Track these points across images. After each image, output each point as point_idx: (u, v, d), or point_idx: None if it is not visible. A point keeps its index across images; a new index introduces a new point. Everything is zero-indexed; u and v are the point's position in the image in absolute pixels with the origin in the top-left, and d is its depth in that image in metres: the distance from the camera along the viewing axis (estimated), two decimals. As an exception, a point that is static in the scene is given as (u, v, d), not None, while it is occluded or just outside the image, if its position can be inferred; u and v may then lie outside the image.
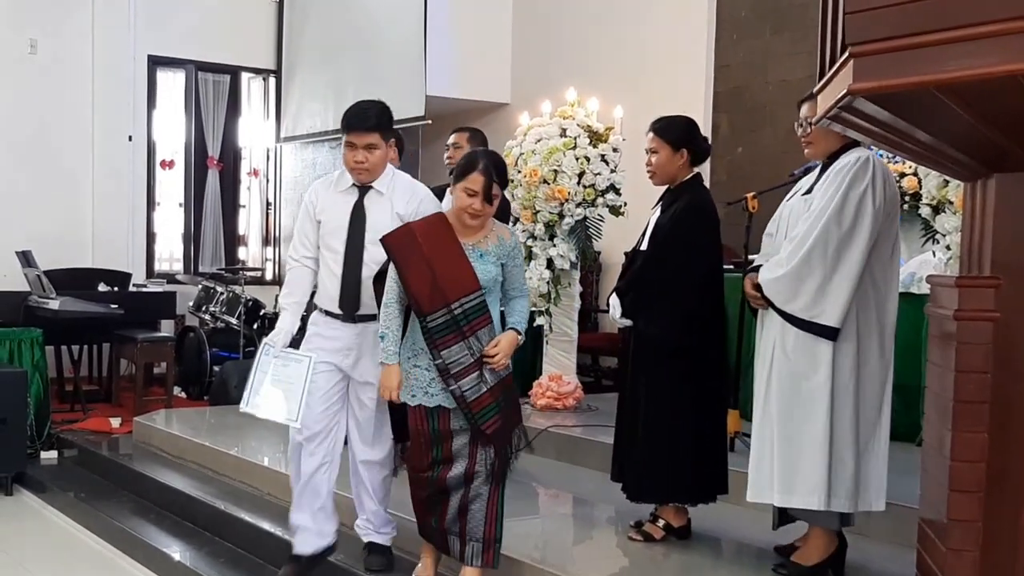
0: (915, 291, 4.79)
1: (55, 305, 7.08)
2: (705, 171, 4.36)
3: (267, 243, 10.26)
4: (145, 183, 9.31)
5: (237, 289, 8.04)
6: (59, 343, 7.81)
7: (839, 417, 3.38)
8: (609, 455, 4.15)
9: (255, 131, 10.14)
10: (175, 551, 4.82)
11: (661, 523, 3.99)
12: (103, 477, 6.13)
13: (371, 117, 3.74)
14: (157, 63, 9.35)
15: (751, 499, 3.58)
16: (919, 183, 4.98)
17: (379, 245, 3.67)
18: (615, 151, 5.93)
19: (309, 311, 4.00)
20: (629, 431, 3.96)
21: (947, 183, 4.63)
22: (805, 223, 3.43)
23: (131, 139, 9.02)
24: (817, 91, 2.41)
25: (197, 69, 9.58)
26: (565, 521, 4.78)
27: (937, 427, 2.62)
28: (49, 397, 6.90)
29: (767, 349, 3.54)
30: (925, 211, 4.88)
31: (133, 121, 9.04)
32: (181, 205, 9.75)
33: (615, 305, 4.00)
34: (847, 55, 2.05)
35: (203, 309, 8.15)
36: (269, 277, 10.02)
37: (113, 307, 7.40)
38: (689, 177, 3.97)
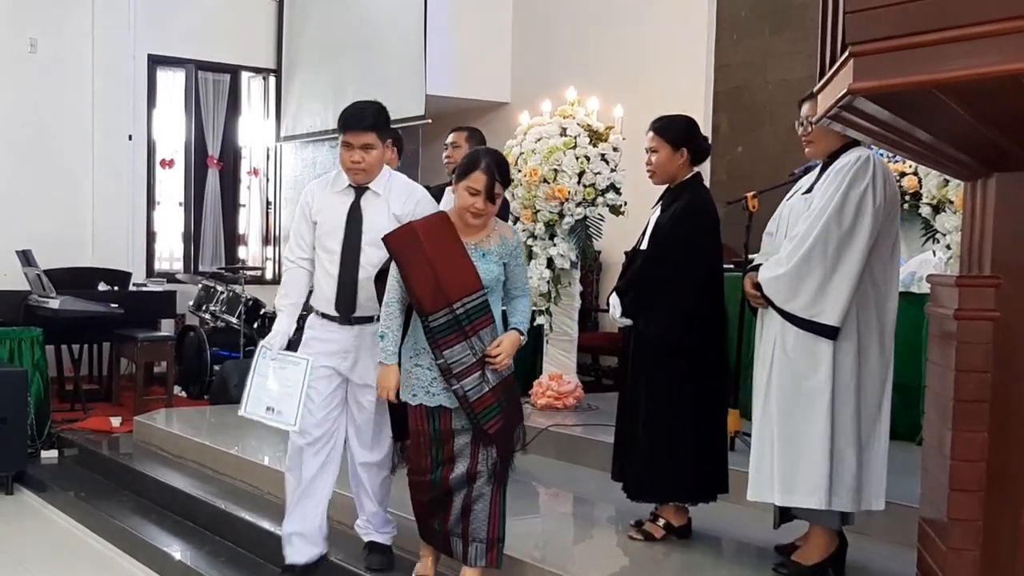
0: (915, 290, 4.80)
1: (55, 304, 7.07)
2: (705, 170, 4.36)
3: (267, 242, 10.26)
4: (145, 182, 9.31)
5: (237, 288, 8.04)
6: (59, 342, 7.81)
7: (840, 416, 3.38)
8: (609, 454, 4.15)
9: (255, 130, 10.14)
10: (175, 550, 4.82)
11: (661, 522, 3.99)
12: (103, 476, 6.13)
13: (368, 117, 3.71)
14: (157, 62, 9.35)
15: (751, 498, 3.58)
16: (919, 182, 4.98)
17: (376, 246, 3.66)
18: (615, 150, 5.92)
19: (308, 311, 3.99)
20: (629, 430, 3.95)
21: (947, 182, 4.63)
22: (805, 222, 3.43)
23: (131, 138, 9.02)
24: (817, 90, 2.41)
25: (197, 68, 9.58)
26: (565, 520, 4.78)
27: (937, 426, 2.62)
28: (49, 396, 6.90)
29: (767, 349, 3.54)
30: (925, 210, 4.88)
31: (133, 120, 9.04)
32: (181, 204, 9.75)
33: (615, 304, 4.00)
34: (847, 54, 2.05)
35: (203, 308, 8.15)
36: (269, 276, 10.02)
37: (113, 306, 7.40)
38: (689, 176, 3.97)
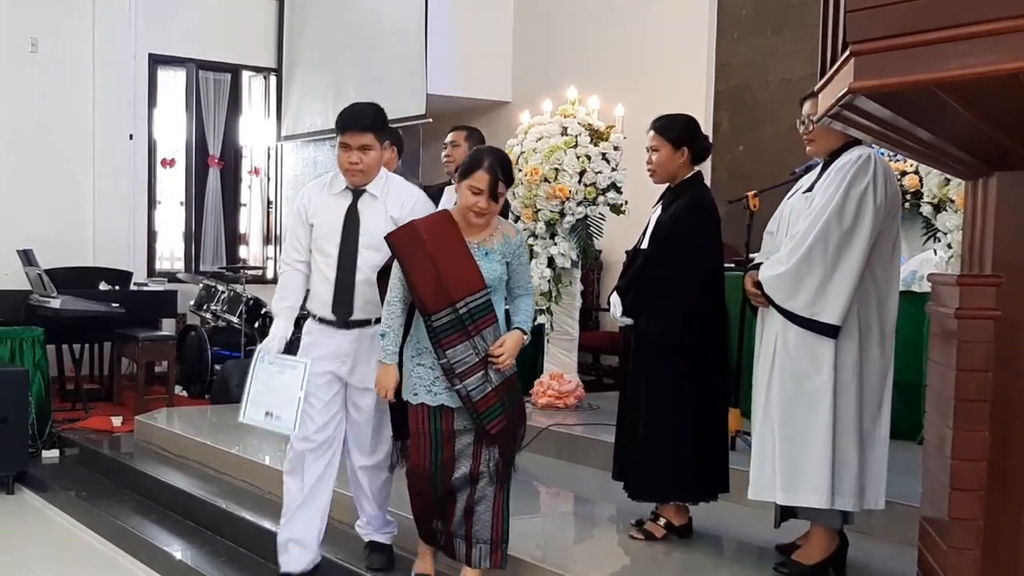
0: (916, 289, 4.79)
1: (56, 304, 7.08)
2: (706, 169, 4.35)
3: (268, 242, 10.26)
4: (146, 182, 9.31)
5: (238, 288, 8.04)
6: (60, 342, 7.81)
7: (842, 416, 3.38)
8: (610, 454, 4.15)
9: (256, 129, 10.14)
10: (176, 550, 4.82)
11: (662, 522, 3.98)
12: (104, 476, 6.13)
13: (366, 117, 3.70)
14: (158, 61, 9.34)
15: (752, 497, 3.58)
16: (920, 181, 4.98)
17: (373, 249, 3.65)
18: (616, 149, 5.91)
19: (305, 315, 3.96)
20: (630, 430, 3.95)
21: (948, 181, 4.62)
22: (806, 221, 3.43)
23: (132, 138, 9.02)
24: (818, 89, 2.41)
25: (198, 67, 9.58)
26: (566, 520, 4.78)
27: (938, 425, 2.62)
28: (50, 396, 6.90)
29: (768, 348, 3.54)
30: (926, 209, 4.87)
31: (134, 120, 9.04)
32: (182, 204, 9.74)
33: (616, 304, 4.00)
34: (848, 53, 2.05)
35: (204, 308, 8.15)
36: (270, 276, 10.00)
37: (114, 306, 7.40)
38: (690, 175, 3.96)
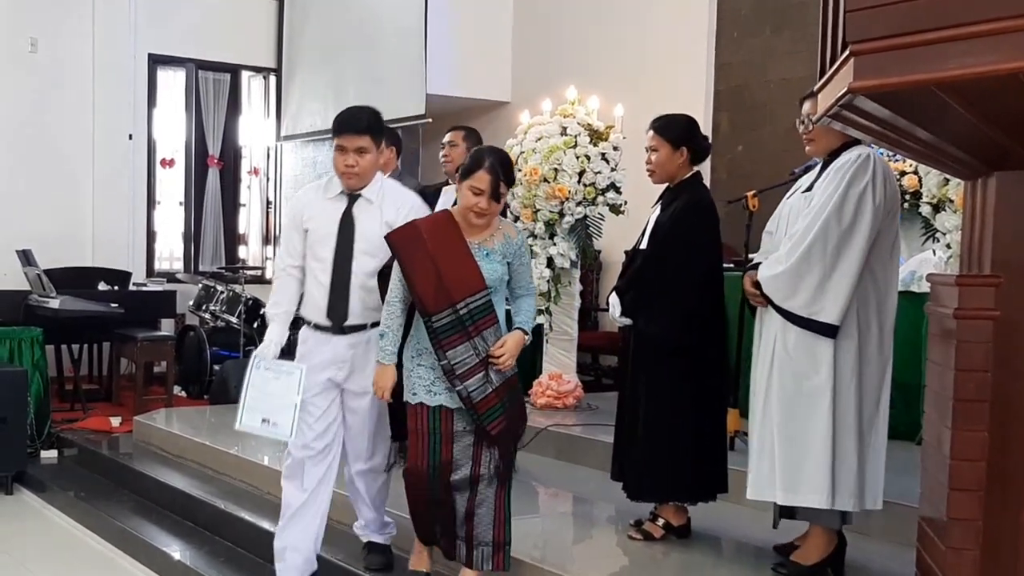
0: (915, 289, 4.79)
1: (55, 304, 7.07)
2: (705, 169, 4.35)
3: (267, 242, 10.26)
4: (145, 182, 9.31)
5: (237, 288, 8.04)
6: (59, 342, 7.80)
7: (842, 416, 3.37)
8: (609, 454, 4.15)
9: (255, 129, 10.14)
10: (175, 550, 4.82)
11: (661, 522, 3.98)
12: (103, 476, 6.13)
13: (362, 120, 3.68)
14: (157, 61, 9.35)
15: (752, 497, 3.58)
16: (919, 181, 4.98)
17: (368, 255, 3.64)
18: (615, 149, 5.91)
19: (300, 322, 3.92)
20: (629, 430, 3.95)
21: (947, 181, 4.63)
22: (805, 220, 3.43)
23: (131, 138, 9.02)
24: (818, 89, 2.41)
25: (197, 68, 9.58)
26: (565, 520, 4.78)
27: (937, 426, 2.62)
28: (49, 396, 6.90)
29: (767, 348, 3.54)
30: (925, 209, 4.87)
31: (133, 120, 9.04)
32: (181, 204, 9.75)
33: (615, 304, 4.00)
34: (848, 53, 2.05)
35: (203, 308, 8.15)
36: (269, 276, 9.97)
37: (113, 306, 7.40)
38: (689, 175, 3.96)
